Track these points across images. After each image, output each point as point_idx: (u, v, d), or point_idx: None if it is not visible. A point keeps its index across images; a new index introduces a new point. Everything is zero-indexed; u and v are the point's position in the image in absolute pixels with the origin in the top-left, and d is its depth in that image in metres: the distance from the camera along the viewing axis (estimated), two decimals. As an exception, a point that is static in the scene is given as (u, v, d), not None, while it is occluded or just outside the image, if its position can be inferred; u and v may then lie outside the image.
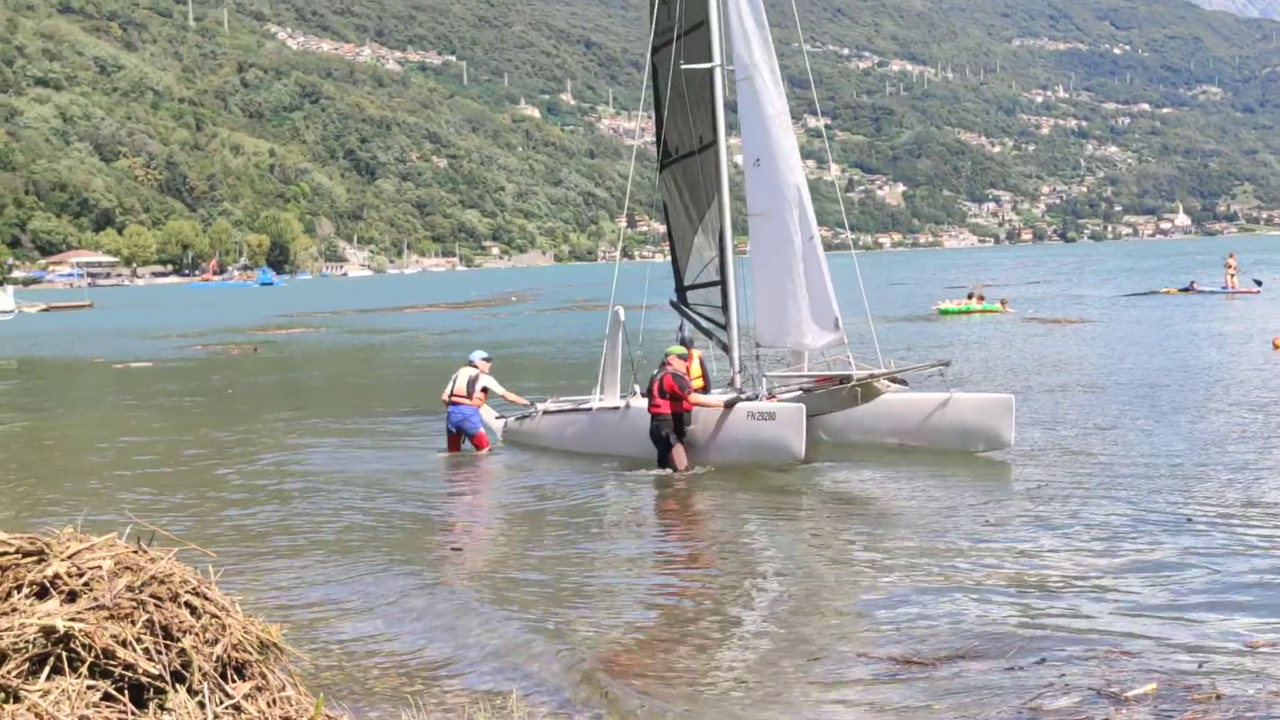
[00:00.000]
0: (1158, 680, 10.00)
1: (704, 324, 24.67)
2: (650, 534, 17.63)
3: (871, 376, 21.95)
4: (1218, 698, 9.58)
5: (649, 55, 24.85)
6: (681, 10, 23.34)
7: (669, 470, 20.36)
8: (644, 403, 22.29)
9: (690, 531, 17.64)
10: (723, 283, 23.75)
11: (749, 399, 21.55)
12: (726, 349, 23.71)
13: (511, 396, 25.00)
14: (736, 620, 12.75)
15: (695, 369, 22.68)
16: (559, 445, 24.05)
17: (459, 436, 24.41)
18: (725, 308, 23.78)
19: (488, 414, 25.14)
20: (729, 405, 21.11)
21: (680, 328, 24.96)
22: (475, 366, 24.64)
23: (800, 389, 22.26)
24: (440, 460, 24.22)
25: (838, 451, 21.84)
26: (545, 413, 24.83)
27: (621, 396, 23.39)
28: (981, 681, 10.38)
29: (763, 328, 22.63)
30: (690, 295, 25.08)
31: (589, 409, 23.73)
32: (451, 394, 24.31)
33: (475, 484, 22.42)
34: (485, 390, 24.42)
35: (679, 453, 20.43)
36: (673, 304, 25.80)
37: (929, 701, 9.98)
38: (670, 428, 20.43)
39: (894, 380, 22.49)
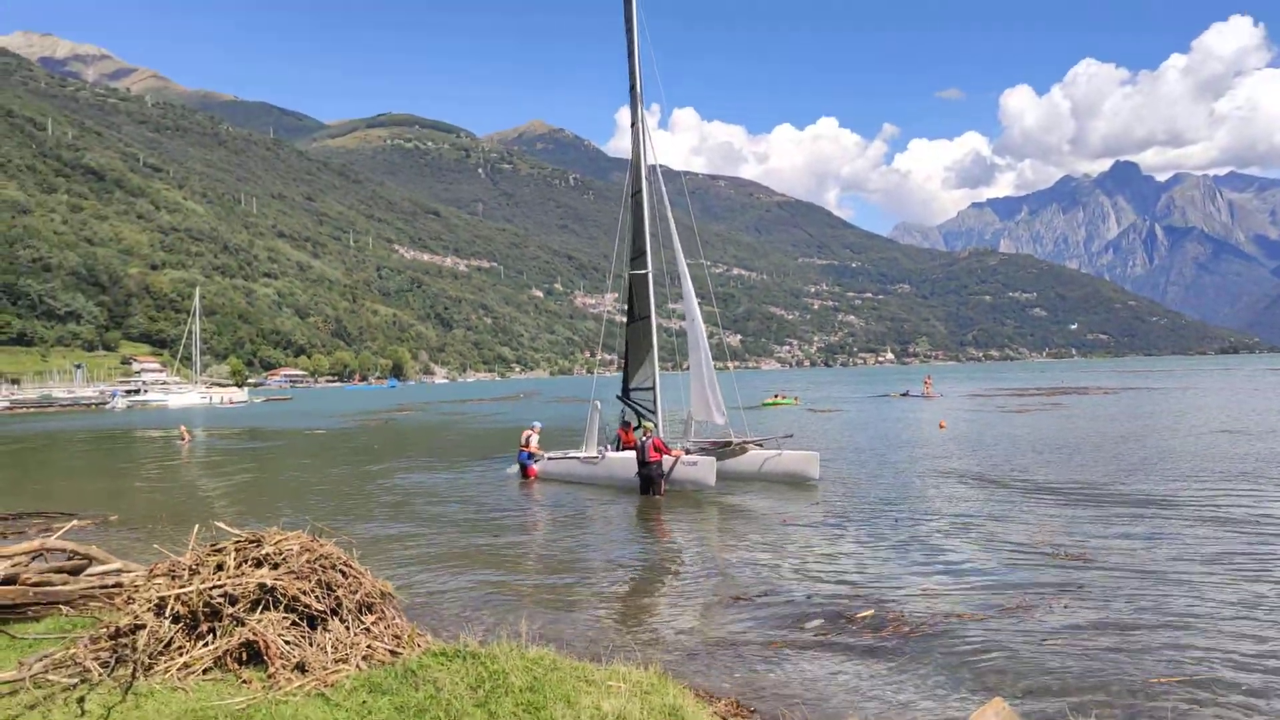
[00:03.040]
0: (874, 609, 10.07)
1: (639, 409, 24.68)
2: (622, 531, 17.07)
3: (744, 442, 22.96)
4: (902, 617, 9.78)
5: (628, 267, 25.21)
6: (634, 245, 24.52)
7: (653, 494, 20.05)
8: (619, 455, 22.71)
9: (650, 528, 17.31)
10: (654, 390, 24.15)
11: (692, 453, 21.85)
12: (655, 426, 23.72)
13: (534, 448, 24.97)
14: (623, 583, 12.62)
15: (640, 435, 22.59)
16: (558, 478, 23.80)
17: (523, 467, 24.93)
18: (655, 403, 24.11)
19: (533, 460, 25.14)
20: (686, 453, 21.38)
21: (622, 412, 25.20)
22: (532, 429, 25.61)
23: (704, 449, 22.46)
24: (506, 481, 24.08)
25: (730, 482, 21.65)
26: (550, 458, 24.67)
27: (598, 452, 23.38)
28: (776, 605, 10.53)
29: (693, 407, 23.07)
30: (633, 393, 25.08)
31: (577, 457, 23.71)
32: (520, 444, 25.44)
33: (522, 498, 21.93)
34: (533, 443, 25.21)
35: (663, 484, 20.30)
36: (618, 397, 25.68)
37: (738, 620, 10.11)
38: (661, 469, 20.32)
39: (756, 444, 23.08)
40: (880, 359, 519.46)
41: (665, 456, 20.63)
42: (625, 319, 25.64)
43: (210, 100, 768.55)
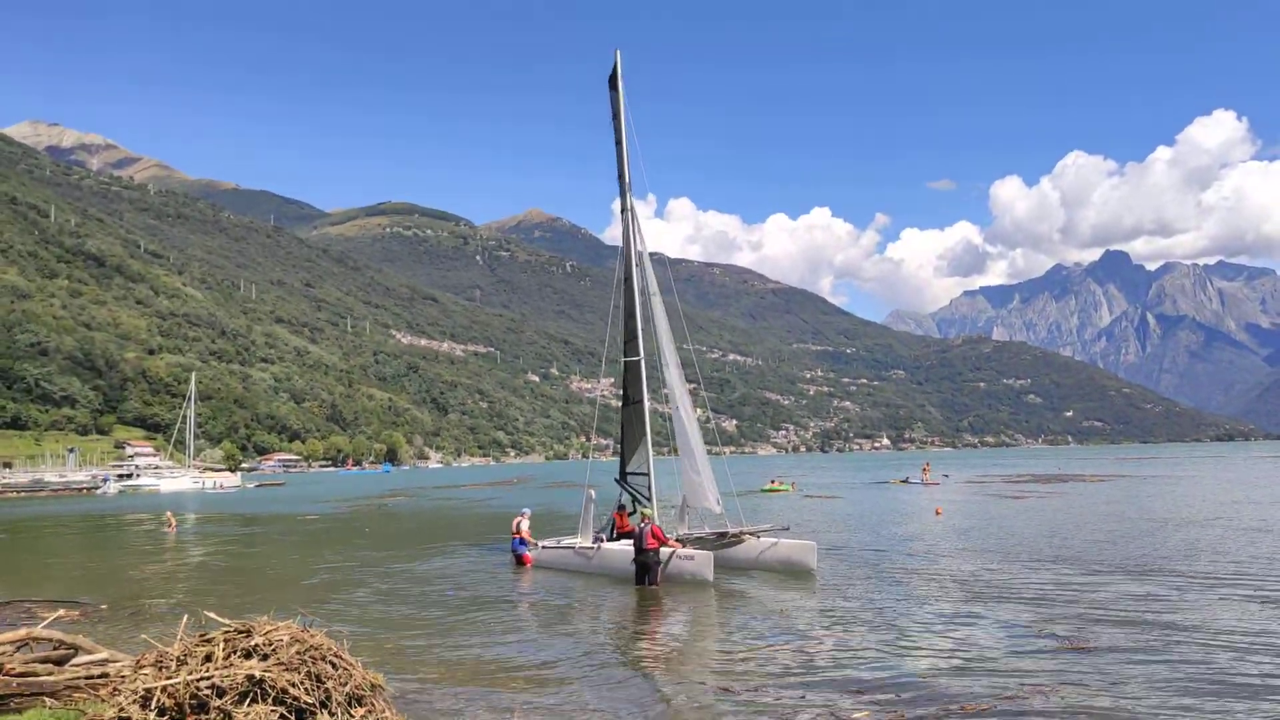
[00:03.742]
0: (871, 706, 9.95)
1: (635, 494, 24.47)
2: (617, 623, 16.91)
3: (741, 532, 22.76)
4: (901, 715, 9.63)
5: (623, 352, 25.27)
6: (626, 329, 24.72)
7: (649, 583, 19.64)
8: (614, 546, 22.37)
9: (645, 620, 17.09)
10: (649, 475, 23.88)
11: (688, 542, 21.64)
12: (652, 512, 23.57)
13: (525, 534, 24.78)
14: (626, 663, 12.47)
15: (636, 520, 22.31)
16: (552, 567, 23.50)
17: (518, 555, 24.67)
18: (650, 488, 23.79)
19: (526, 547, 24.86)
20: (682, 543, 21.20)
21: (620, 496, 24.94)
22: (522, 515, 25.49)
23: (701, 539, 22.27)
24: (500, 569, 23.81)
25: (727, 572, 21.43)
26: (544, 547, 24.40)
27: (593, 540, 23.19)
28: (771, 700, 10.40)
29: (687, 495, 22.94)
30: (629, 477, 24.91)
31: (572, 547, 23.46)
32: (512, 531, 25.26)
33: (516, 587, 21.65)
34: (525, 529, 24.99)
35: (661, 573, 19.93)
36: (616, 480, 25.46)
37: (733, 716, 9.99)
38: (658, 556, 19.92)
39: (752, 534, 22.83)
40: (876, 445, 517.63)
41: (663, 546, 20.38)
42: (620, 403, 25.75)
43: (213, 189, 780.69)
